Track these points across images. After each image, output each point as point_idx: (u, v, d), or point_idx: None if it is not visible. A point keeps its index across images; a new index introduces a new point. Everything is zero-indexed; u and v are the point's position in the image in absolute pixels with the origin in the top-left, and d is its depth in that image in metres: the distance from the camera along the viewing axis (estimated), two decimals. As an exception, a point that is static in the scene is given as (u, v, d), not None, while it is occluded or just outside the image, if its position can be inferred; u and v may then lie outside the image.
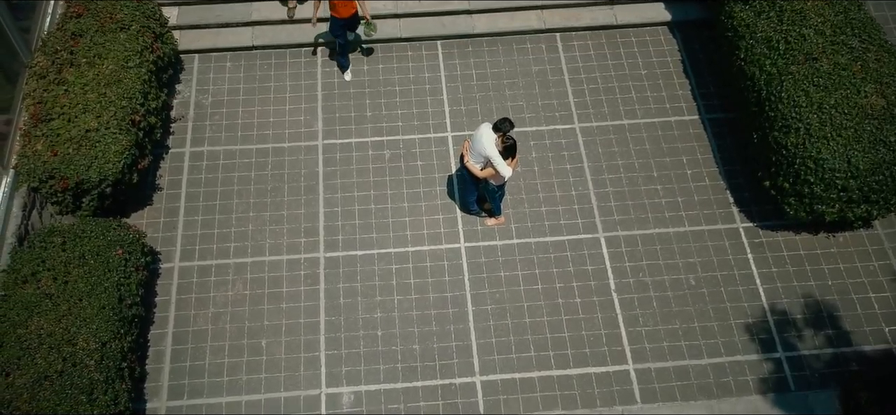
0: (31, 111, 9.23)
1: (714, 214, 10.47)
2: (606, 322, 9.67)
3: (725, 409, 9.13)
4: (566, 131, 11.19)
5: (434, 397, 9.17)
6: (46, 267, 8.38)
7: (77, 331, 7.99)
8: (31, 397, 7.59)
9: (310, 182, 10.69)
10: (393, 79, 11.65)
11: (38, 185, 8.96)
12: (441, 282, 9.93)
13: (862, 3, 10.16)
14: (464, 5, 12.00)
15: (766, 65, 9.77)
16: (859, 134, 9.03)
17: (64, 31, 9.88)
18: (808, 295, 9.88)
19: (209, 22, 11.81)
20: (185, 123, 11.18)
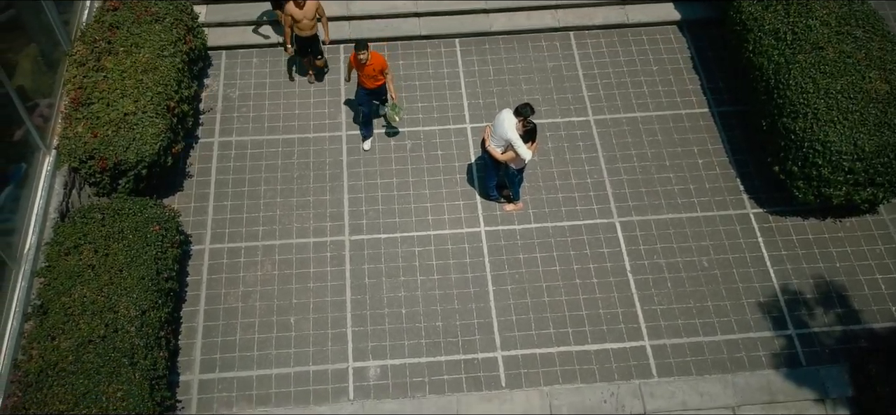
0: (71, 96, 9.65)
1: (725, 201, 10.84)
2: (623, 301, 10.01)
3: (739, 383, 9.44)
4: (581, 123, 11.60)
5: (457, 370, 9.49)
6: (88, 240, 8.75)
7: (118, 299, 8.34)
8: (75, 358, 7.93)
9: (334, 170, 11.09)
10: (413, 74, 12.09)
11: (78, 165, 9.35)
12: (462, 263, 10.28)
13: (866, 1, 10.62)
14: (481, 4, 12.46)
15: (774, 55, 10.20)
16: (865, 117, 9.44)
17: (101, 23, 10.33)
18: (817, 276, 10.22)
19: (237, 20, 12.27)
20: (213, 114, 11.60)
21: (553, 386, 9.40)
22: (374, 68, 10.40)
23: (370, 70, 10.38)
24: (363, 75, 10.48)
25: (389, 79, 10.62)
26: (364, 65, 10.28)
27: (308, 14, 10.82)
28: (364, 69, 10.37)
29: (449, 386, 9.39)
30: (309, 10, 10.80)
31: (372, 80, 10.55)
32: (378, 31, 12.35)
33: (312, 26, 11.00)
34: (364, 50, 10.11)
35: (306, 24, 10.89)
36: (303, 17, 10.80)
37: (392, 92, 10.73)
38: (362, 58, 10.14)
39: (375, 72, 10.45)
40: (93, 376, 7.85)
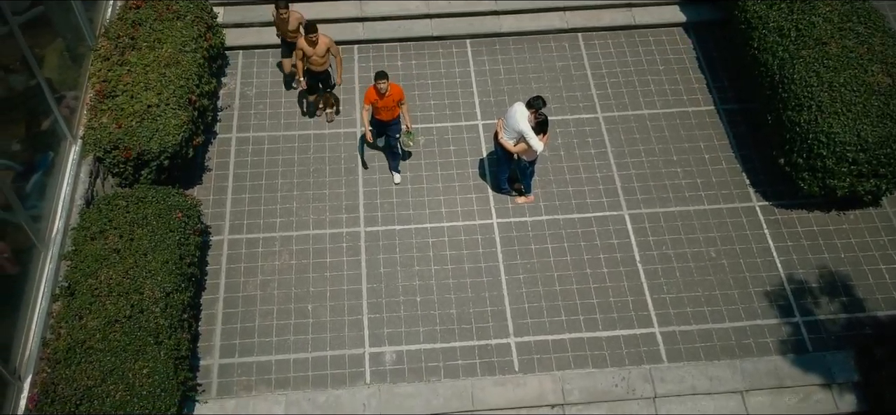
0: (96, 88, 9.93)
1: (731, 194, 11.09)
2: (632, 290, 10.24)
3: (748, 367, 9.65)
4: (590, 120, 11.88)
5: (471, 356, 9.70)
6: (113, 226, 9.00)
7: (143, 282, 8.57)
8: (102, 337, 8.15)
9: (350, 164, 11.35)
10: (425, 73, 12.38)
11: (102, 154, 9.62)
12: (475, 254, 10.52)
13: None
14: (491, 6, 12.79)
15: (779, 51, 10.49)
16: (867, 109, 9.71)
17: (124, 20, 10.64)
18: (822, 266, 10.45)
19: (253, 21, 12.59)
20: (231, 111, 11.88)
21: (565, 371, 9.61)
22: (393, 99, 10.30)
23: (389, 101, 10.27)
24: (381, 107, 10.35)
25: (405, 108, 10.57)
26: (383, 96, 10.20)
27: (320, 51, 10.77)
28: (382, 101, 10.26)
29: (463, 371, 9.60)
30: (321, 48, 10.75)
31: (389, 112, 10.45)
32: (390, 32, 12.66)
33: (324, 63, 10.94)
34: (384, 79, 10.03)
35: (317, 60, 10.84)
36: (314, 53, 10.77)
37: (407, 120, 10.66)
38: (382, 87, 10.06)
39: (393, 103, 10.34)
40: (119, 354, 8.07)
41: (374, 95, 10.23)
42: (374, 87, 10.20)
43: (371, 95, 10.26)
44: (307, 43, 10.67)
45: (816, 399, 9.59)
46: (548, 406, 9.45)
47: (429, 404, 9.38)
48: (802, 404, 9.56)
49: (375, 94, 10.20)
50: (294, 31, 11.14)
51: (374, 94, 10.22)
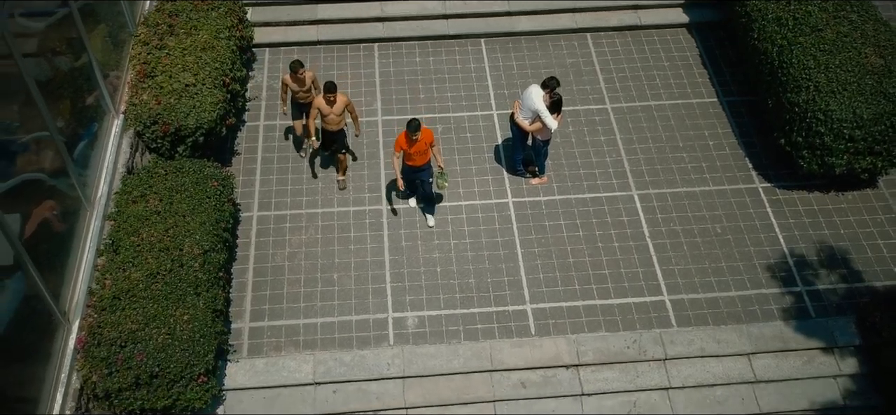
0: (137, 70, 10.59)
1: (735, 176, 11.66)
2: (642, 262, 10.74)
3: (754, 331, 10.11)
4: (599, 111, 12.50)
5: (489, 321, 10.18)
6: (153, 191, 9.57)
7: (183, 240, 9.11)
8: (145, 287, 8.66)
9: (371, 149, 11.95)
10: (443, 68, 13.05)
11: (142, 129, 10.23)
12: (492, 229, 11.05)
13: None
14: (505, 7, 13.50)
15: (778, 39, 11.15)
16: (862, 88, 10.33)
17: (162, 11, 11.34)
18: (822, 241, 10.97)
19: (279, 20, 13.30)
20: (259, 102, 12.52)
21: (579, 334, 10.08)
22: (425, 143, 10.21)
23: (421, 146, 10.17)
24: (413, 152, 10.20)
25: (436, 149, 10.45)
26: (415, 143, 10.09)
27: (337, 110, 10.60)
28: (415, 145, 10.14)
29: (482, 334, 10.06)
30: (338, 106, 10.58)
31: (421, 157, 10.35)
32: (409, 31, 13.36)
33: (340, 121, 10.74)
34: (417, 132, 9.92)
35: (334, 119, 10.67)
36: (330, 112, 10.59)
37: (440, 160, 10.53)
38: (415, 137, 10.00)
39: (425, 147, 10.25)
40: (161, 302, 8.58)
41: (406, 142, 10.14)
42: (405, 135, 10.07)
43: (402, 142, 10.14)
44: (325, 102, 10.49)
45: (820, 362, 10.03)
46: (563, 366, 9.90)
47: (449, 364, 9.83)
48: (807, 367, 10.00)
49: (407, 141, 10.12)
50: (307, 90, 10.88)
51: (406, 141, 10.11)
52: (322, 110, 10.64)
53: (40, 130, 8.40)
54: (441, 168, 10.60)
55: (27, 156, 8.29)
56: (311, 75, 10.93)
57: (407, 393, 9.73)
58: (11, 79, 7.91)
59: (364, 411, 9.68)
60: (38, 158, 8.43)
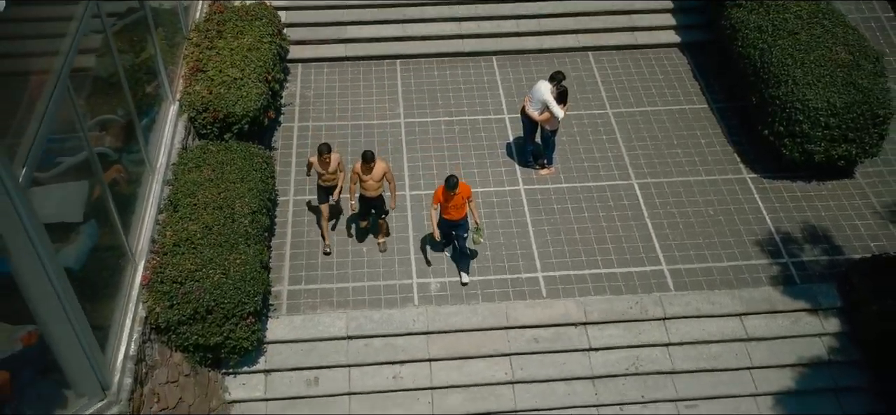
0: (190, 66, 11.94)
1: (725, 168, 12.87)
2: (642, 238, 11.86)
3: (744, 295, 11.15)
4: (601, 115, 13.80)
5: (505, 286, 11.24)
6: (206, 163, 10.79)
7: (234, 200, 10.28)
8: (202, 237, 9.78)
9: (395, 146, 13.20)
10: (458, 81, 14.42)
11: (195, 115, 11.50)
12: (505, 211, 12.21)
13: (829, 0, 13.12)
14: (514, 28, 14.96)
15: (759, 43, 12.53)
16: (834, 79, 11.64)
17: (211, 19, 12.78)
18: (805, 221, 12.10)
19: (310, 39, 14.73)
20: (293, 108, 13.83)
21: (586, 297, 11.12)
22: (462, 197, 10.50)
23: (459, 199, 10.46)
24: (450, 206, 10.51)
25: (473, 204, 10.79)
26: (453, 195, 10.39)
27: (375, 176, 10.79)
28: (452, 200, 10.45)
29: (498, 297, 11.11)
30: (377, 173, 10.78)
31: (458, 211, 10.63)
32: (427, 49, 14.78)
33: (379, 188, 10.92)
34: (455, 188, 10.25)
35: (372, 185, 10.84)
36: (369, 178, 10.79)
37: (476, 216, 10.89)
38: (453, 193, 10.33)
39: (462, 200, 10.53)
40: (216, 248, 9.69)
41: (443, 197, 10.50)
42: (443, 190, 10.40)
43: (439, 196, 10.51)
44: (363, 169, 10.74)
45: (805, 322, 11.05)
46: (572, 324, 10.91)
47: (469, 321, 10.85)
48: (794, 326, 11.01)
49: (444, 195, 10.45)
50: (332, 173, 10.99)
51: (443, 195, 10.46)
52: (361, 176, 10.77)
53: (123, 109, 9.72)
54: (477, 224, 10.95)
55: (112, 128, 9.57)
56: (338, 158, 10.98)
57: (430, 347, 10.72)
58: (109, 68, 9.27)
59: (392, 362, 10.65)
60: (118, 131, 9.68)
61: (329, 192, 11.17)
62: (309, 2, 14.96)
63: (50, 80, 7.54)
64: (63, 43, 8.00)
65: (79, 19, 8.36)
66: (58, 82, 7.61)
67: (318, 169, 10.91)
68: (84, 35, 8.45)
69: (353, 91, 14.18)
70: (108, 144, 9.47)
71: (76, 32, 8.19)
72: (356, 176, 10.83)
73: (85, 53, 8.72)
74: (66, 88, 7.80)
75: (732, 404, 10.64)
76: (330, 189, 11.14)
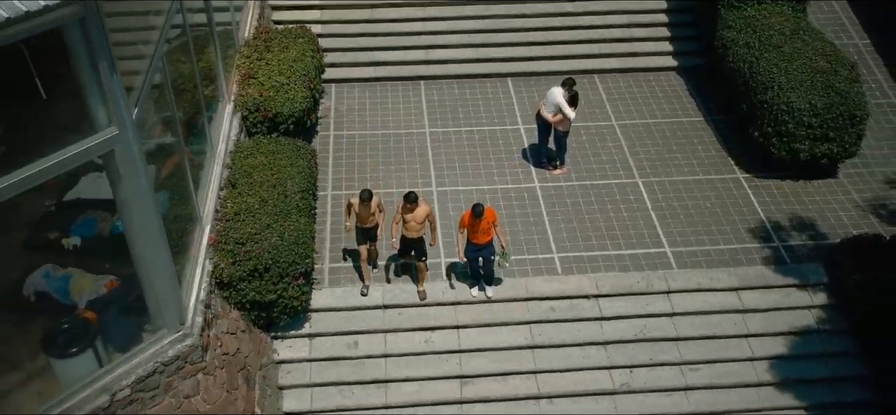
0: (242, 73, 13.46)
1: (720, 169, 14.25)
2: (647, 226, 13.16)
3: (740, 272, 12.39)
4: (607, 126, 15.26)
5: (524, 265, 12.49)
6: (259, 151, 12.18)
7: (285, 180, 11.63)
8: (259, 207, 11.10)
9: (421, 151, 14.61)
10: (477, 98, 15.92)
11: (247, 114, 12.96)
12: (523, 204, 13.54)
13: (807, 19, 14.66)
14: (527, 53, 16.55)
15: (748, 58, 14.07)
16: (814, 84, 13.13)
17: (259, 37, 14.37)
18: (794, 213, 13.41)
19: (343, 62, 16.30)
20: (328, 120, 15.29)
21: (597, 273, 12.37)
22: (488, 222, 11.15)
23: (485, 224, 11.09)
24: (478, 231, 11.14)
25: (499, 229, 11.46)
26: (480, 220, 11.01)
27: (418, 217, 11.22)
28: (479, 225, 11.06)
29: (518, 274, 12.35)
30: (419, 214, 11.22)
31: (485, 235, 11.24)
32: (449, 71, 16.32)
33: (420, 229, 11.34)
34: (480, 216, 10.90)
35: (414, 226, 11.27)
36: (412, 219, 11.21)
37: (502, 240, 11.52)
38: (479, 220, 10.99)
39: (489, 225, 11.17)
40: (272, 216, 11.00)
41: (469, 221, 11.14)
42: (469, 215, 11.04)
43: (466, 221, 11.14)
44: (406, 210, 11.22)
45: (796, 296, 12.26)
46: (585, 296, 12.13)
47: (494, 293, 12.06)
48: (785, 300, 12.22)
49: (470, 221, 11.10)
50: (372, 214, 11.47)
51: (470, 220, 11.10)
52: (404, 217, 11.25)
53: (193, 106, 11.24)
54: (503, 248, 11.56)
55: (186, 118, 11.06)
56: (378, 201, 11.46)
57: (458, 315, 11.92)
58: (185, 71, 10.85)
59: (423, 328, 11.83)
60: (188, 120, 11.16)
61: (367, 234, 11.62)
62: (343, 29, 16.58)
63: (149, 54, 9.02)
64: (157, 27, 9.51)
65: (166, 12, 9.88)
66: (154, 56, 9.08)
67: (358, 211, 11.40)
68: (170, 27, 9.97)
69: (382, 106, 15.66)
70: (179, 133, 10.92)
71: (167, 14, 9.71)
72: (399, 216, 11.34)
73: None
74: (161, 61, 9.26)
75: (731, 368, 11.77)
76: (369, 231, 11.61)
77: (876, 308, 11.55)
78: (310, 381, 11.49)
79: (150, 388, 9.30)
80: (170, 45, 10.26)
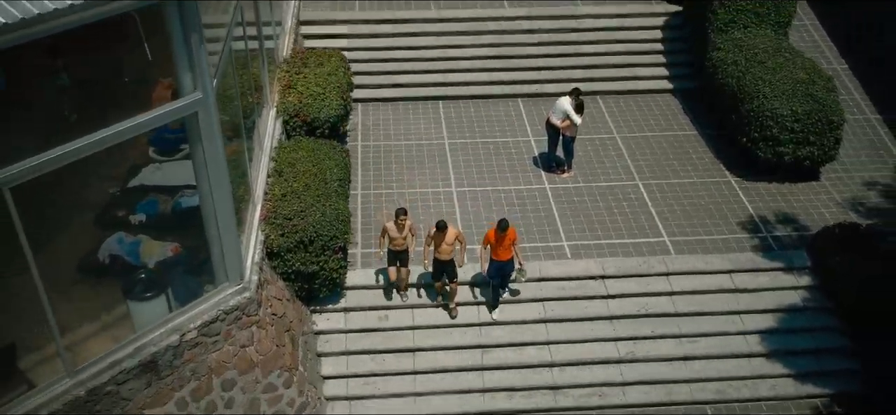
0: (283, 83, 15.05)
1: (712, 173, 15.72)
2: (647, 220, 14.57)
3: (732, 257, 13.74)
4: (610, 138, 16.78)
5: (537, 251, 13.86)
6: (301, 148, 13.67)
7: (325, 170, 13.09)
8: (303, 190, 12.53)
9: (441, 157, 16.11)
10: (491, 115, 17.48)
11: (288, 118, 14.50)
12: (535, 202, 14.97)
13: (788, 40, 16.33)
14: (535, 76, 18.18)
15: (736, 74, 15.66)
16: (795, 92, 14.69)
17: (296, 55, 16.01)
18: (780, 210, 14.83)
19: (369, 83, 17.92)
20: (356, 132, 16.82)
21: (603, 258, 13.73)
22: (509, 239, 12.22)
23: (507, 242, 12.17)
24: (500, 248, 12.21)
25: (518, 248, 12.50)
26: (504, 235, 12.11)
27: (448, 239, 12.11)
28: (502, 242, 12.16)
29: (531, 258, 13.71)
30: (449, 236, 12.12)
31: (505, 252, 12.26)
32: (464, 92, 17.91)
33: (451, 251, 12.21)
34: (505, 230, 12.05)
35: (445, 248, 12.15)
36: (443, 241, 12.11)
37: (519, 258, 12.56)
38: (502, 234, 12.07)
39: (509, 242, 12.21)
40: (315, 196, 12.43)
41: (494, 237, 12.23)
42: (494, 232, 12.15)
43: (490, 237, 12.25)
44: (437, 235, 12.18)
45: (783, 278, 13.59)
46: (592, 277, 13.47)
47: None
48: (773, 281, 13.56)
49: (495, 236, 12.17)
50: (404, 238, 12.33)
51: (494, 236, 12.18)
52: (436, 240, 12.21)
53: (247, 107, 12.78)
54: (521, 265, 12.63)
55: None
56: (410, 223, 12.43)
57: (478, 294, 13.23)
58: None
59: (447, 305, 13.13)
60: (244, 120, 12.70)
61: (398, 257, 12.50)
62: (367, 55, 18.24)
63: (222, 38, 10.60)
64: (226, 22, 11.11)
65: (232, 11, 11.49)
66: (226, 39, 10.66)
67: (393, 233, 12.22)
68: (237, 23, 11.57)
69: (404, 121, 17.22)
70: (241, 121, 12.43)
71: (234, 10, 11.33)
72: (430, 240, 12.33)
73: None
74: (230, 51, 10.83)
75: (725, 340, 13.05)
76: (399, 254, 12.48)
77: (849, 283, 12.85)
78: (345, 349, 12.76)
79: (213, 334, 10.60)
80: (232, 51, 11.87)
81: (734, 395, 12.58)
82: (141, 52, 9.86)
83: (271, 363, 11.27)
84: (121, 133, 8.83)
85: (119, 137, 8.85)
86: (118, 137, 8.83)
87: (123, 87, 11.04)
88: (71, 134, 8.55)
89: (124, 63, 10.72)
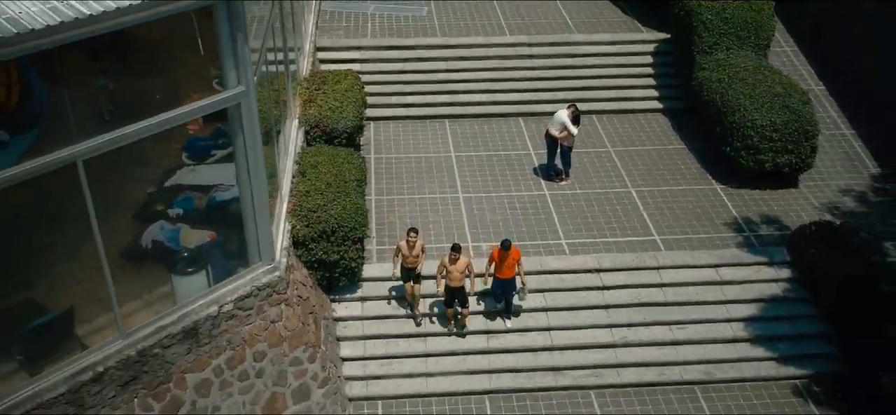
0: (304, 98, 16.41)
1: (699, 181, 17.00)
2: (639, 221, 15.81)
3: (718, 253, 14.94)
4: (604, 152, 18.10)
5: (538, 248, 15.07)
6: (321, 153, 14.95)
7: (344, 172, 14.35)
8: (325, 187, 13.79)
9: (448, 168, 17.40)
10: (494, 131, 18.82)
11: (309, 128, 15.82)
12: (535, 206, 16.22)
13: (766, 61, 17.77)
14: (534, 97, 19.56)
15: (719, 90, 17.06)
16: (773, 104, 16.06)
17: (315, 75, 17.40)
18: (761, 212, 16.08)
19: (380, 103, 19.29)
20: (369, 146, 18.14)
21: (599, 254, 14.93)
22: (513, 258, 13.01)
23: (511, 260, 12.94)
24: (504, 266, 13.00)
25: (521, 268, 13.23)
26: (507, 254, 12.90)
27: (459, 267, 12.82)
28: (506, 260, 12.93)
29: (533, 253, 14.92)
30: (460, 265, 12.83)
31: (509, 270, 13.07)
32: (470, 111, 19.26)
33: (462, 279, 12.95)
34: (509, 249, 12.85)
35: (456, 275, 12.86)
36: (454, 269, 12.83)
37: (523, 277, 13.33)
38: (506, 253, 12.85)
39: (513, 261, 12.99)
40: (336, 193, 13.67)
41: (498, 255, 13.09)
42: (498, 251, 13.05)
43: (496, 254, 13.17)
44: (449, 261, 12.88)
45: (765, 271, 14.79)
46: (588, 271, 14.66)
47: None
48: (756, 274, 14.74)
49: (499, 255, 13.04)
50: (415, 256, 13.14)
51: (498, 255, 13.06)
52: (447, 267, 12.92)
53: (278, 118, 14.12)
54: (523, 284, 13.47)
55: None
56: (422, 243, 13.27)
57: (484, 284, 14.41)
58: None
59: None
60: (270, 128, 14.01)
61: (411, 273, 13.39)
62: (379, 77, 19.64)
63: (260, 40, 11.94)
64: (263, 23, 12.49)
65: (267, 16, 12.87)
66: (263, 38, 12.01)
67: (405, 252, 13.15)
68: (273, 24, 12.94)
69: (414, 137, 18.55)
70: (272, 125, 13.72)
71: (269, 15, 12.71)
72: (442, 267, 13.05)
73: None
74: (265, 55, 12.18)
75: (711, 327, 14.19)
76: (412, 272, 13.38)
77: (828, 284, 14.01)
78: (362, 334, 13.89)
79: (247, 308, 11.75)
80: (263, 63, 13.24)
81: (721, 376, 13.68)
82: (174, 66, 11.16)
83: (298, 339, 12.38)
84: (176, 118, 10.11)
85: (174, 122, 10.13)
86: (173, 122, 10.12)
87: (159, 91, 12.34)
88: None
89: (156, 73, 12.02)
